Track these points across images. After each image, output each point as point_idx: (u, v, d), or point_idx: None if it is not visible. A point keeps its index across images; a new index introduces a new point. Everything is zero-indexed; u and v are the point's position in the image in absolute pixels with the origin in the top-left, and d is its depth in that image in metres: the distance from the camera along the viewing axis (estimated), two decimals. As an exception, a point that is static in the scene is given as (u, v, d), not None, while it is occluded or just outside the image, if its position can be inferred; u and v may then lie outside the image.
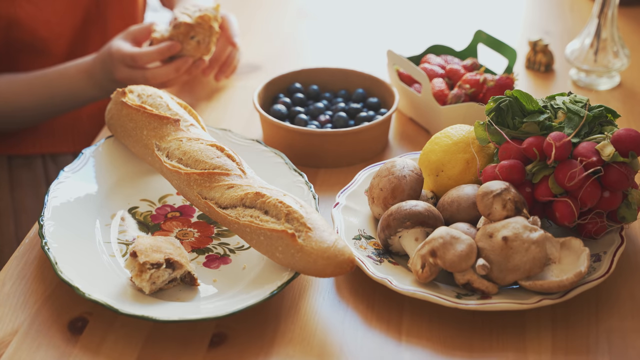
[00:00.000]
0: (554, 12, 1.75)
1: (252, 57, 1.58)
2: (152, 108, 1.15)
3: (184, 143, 1.10)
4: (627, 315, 1.00)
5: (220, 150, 1.08)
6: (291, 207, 0.99)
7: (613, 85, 1.47)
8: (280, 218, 0.98)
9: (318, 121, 1.30)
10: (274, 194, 1.01)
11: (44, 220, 1.05)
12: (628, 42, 1.57)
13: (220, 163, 1.06)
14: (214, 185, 1.05)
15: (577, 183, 0.99)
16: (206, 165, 1.06)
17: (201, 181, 1.05)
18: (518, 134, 1.06)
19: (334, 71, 1.39)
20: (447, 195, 1.07)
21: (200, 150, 1.08)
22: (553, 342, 0.96)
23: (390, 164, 1.09)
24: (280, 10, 1.78)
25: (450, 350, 0.95)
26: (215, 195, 1.04)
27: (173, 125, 1.12)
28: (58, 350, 0.95)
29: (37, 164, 1.52)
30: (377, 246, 1.06)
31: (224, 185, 1.04)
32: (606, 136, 1.03)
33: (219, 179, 1.05)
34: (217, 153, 1.08)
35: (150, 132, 1.13)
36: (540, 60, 1.51)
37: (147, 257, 0.98)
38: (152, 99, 1.17)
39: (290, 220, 0.98)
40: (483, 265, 0.96)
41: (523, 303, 0.95)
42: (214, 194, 1.04)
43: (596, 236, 1.04)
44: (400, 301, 1.01)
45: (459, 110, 1.27)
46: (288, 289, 1.03)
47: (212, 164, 1.06)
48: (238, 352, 0.95)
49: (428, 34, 1.66)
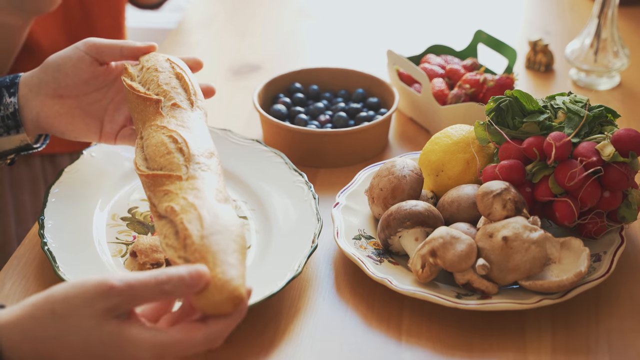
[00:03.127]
0: (554, 12, 1.75)
1: (252, 57, 1.58)
2: (141, 85, 1.05)
3: (151, 133, 0.98)
4: (627, 315, 1.00)
5: (174, 142, 0.95)
6: (188, 231, 0.84)
7: (613, 85, 1.47)
8: (179, 245, 0.85)
9: (318, 121, 1.30)
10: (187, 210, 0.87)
11: (44, 220, 1.05)
12: (628, 42, 1.57)
13: (168, 162, 0.93)
14: (157, 190, 0.92)
15: (577, 183, 0.99)
16: (155, 165, 0.94)
17: (149, 184, 0.93)
18: (518, 134, 1.06)
19: (334, 71, 1.39)
20: (447, 195, 1.07)
21: (157, 145, 0.96)
22: (553, 342, 0.96)
23: (390, 164, 1.09)
24: (280, 10, 1.78)
25: (450, 350, 0.95)
26: (155, 202, 0.92)
27: (154, 107, 1.01)
28: (58, 350, 0.94)
29: (36, 163, 1.52)
30: (377, 246, 1.06)
31: (162, 191, 0.91)
32: (606, 136, 1.03)
33: (161, 182, 0.92)
34: (169, 147, 0.95)
35: (138, 116, 1.04)
36: (540, 60, 1.51)
37: (147, 257, 0.98)
38: (148, 72, 1.06)
39: (186, 246, 0.84)
40: (483, 265, 0.96)
41: (523, 303, 0.95)
42: (155, 200, 0.92)
43: (596, 236, 1.04)
44: (400, 301, 1.01)
45: (459, 110, 1.27)
46: (288, 289, 1.03)
47: (159, 163, 0.94)
48: (238, 352, 0.95)
49: (428, 34, 1.66)
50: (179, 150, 0.94)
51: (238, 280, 0.80)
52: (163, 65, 1.06)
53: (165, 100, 1.02)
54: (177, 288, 0.77)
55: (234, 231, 0.85)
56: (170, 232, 0.86)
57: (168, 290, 0.77)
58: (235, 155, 1.20)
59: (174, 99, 1.02)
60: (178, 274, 0.77)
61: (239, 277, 0.80)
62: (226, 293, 0.78)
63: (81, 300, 0.76)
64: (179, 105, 1.01)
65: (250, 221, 1.12)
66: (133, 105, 1.04)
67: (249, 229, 1.11)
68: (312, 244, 1.03)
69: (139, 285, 0.76)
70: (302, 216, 1.09)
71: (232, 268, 0.80)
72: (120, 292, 0.76)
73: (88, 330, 0.76)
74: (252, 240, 1.09)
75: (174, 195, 0.89)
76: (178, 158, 0.93)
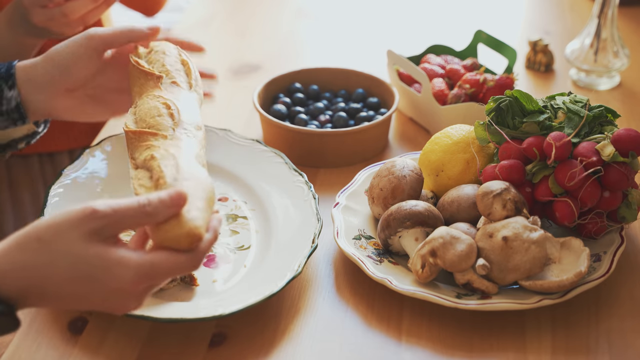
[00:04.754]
0: (554, 12, 1.75)
1: (252, 57, 1.58)
2: (147, 63, 1.08)
3: (146, 100, 1.02)
4: (627, 315, 1.00)
5: (167, 108, 0.99)
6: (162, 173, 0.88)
7: (613, 85, 1.47)
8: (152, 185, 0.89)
9: (318, 121, 1.30)
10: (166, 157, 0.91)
11: (44, 220, 1.05)
12: (628, 42, 1.57)
13: (156, 122, 0.97)
14: (140, 145, 0.95)
15: (577, 183, 0.99)
16: (144, 124, 0.98)
17: (133, 140, 0.96)
18: (518, 134, 1.06)
19: (334, 71, 1.39)
20: (447, 195, 1.07)
21: (149, 108, 0.99)
22: (553, 342, 0.96)
23: (390, 164, 1.09)
24: (280, 10, 1.78)
25: (450, 350, 0.95)
26: (136, 155, 0.95)
27: (154, 82, 1.04)
28: (58, 350, 0.95)
29: (34, 162, 1.52)
30: (377, 246, 1.06)
31: (145, 145, 0.94)
32: (606, 136, 1.03)
33: (145, 139, 0.95)
34: (161, 111, 0.99)
35: (137, 89, 1.06)
36: (540, 60, 1.51)
37: (147, 257, 0.98)
38: (156, 54, 1.09)
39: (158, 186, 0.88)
40: (483, 265, 0.96)
41: (523, 303, 0.95)
42: (137, 154, 0.95)
43: (596, 236, 1.04)
44: (400, 301, 1.01)
45: (459, 110, 1.27)
46: (288, 289, 1.03)
47: (148, 123, 0.97)
48: (238, 352, 0.95)
49: (428, 34, 1.66)
50: (169, 115, 0.98)
51: (199, 221, 0.82)
52: (171, 51, 1.10)
53: (167, 78, 1.05)
54: (158, 209, 0.79)
55: (206, 184, 0.88)
56: (145, 176, 0.89)
57: (150, 211, 0.78)
58: (235, 155, 1.20)
59: (174, 78, 1.05)
60: (158, 196, 0.79)
61: (201, 219, 0.82)
62: (186, 229, 0.80)
63: (66, 225, 0.77)
64: (178, 84, 1.05)
65: (250, 221, 1.12)
66: (134, 79, 1.06)
67: (249, 229, 1.11)
68: (312, 244, 1.03)
69: (122, 208, 0.78)
70: (302, 216, 1.09)
71: (197, 210, 0.82)
72: (104, 215, 0.77)
73: (74, 253, 0.76)
74: (252, 240, 1.09)
75: (156, 148, 0.92)
76: (167, 121, 0.97)
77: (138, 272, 0.78)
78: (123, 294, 0.79)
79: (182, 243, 0.80)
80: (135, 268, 0.78)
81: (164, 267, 0.79)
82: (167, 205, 0.79)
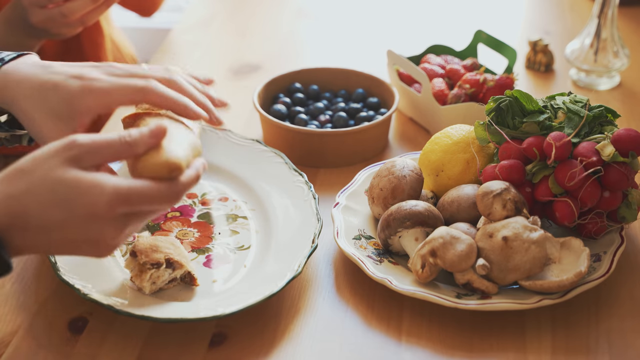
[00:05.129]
0: (554, 12, 1.75)
1: (252, 57, 1.58)
2: None
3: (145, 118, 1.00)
4: (627, 315, 1.00)
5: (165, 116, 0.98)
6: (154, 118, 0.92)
7: (613, 85, 1.47)
8: None
9: (318, 121, 1.30)
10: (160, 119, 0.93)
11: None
12: (628, 42, 1.57)
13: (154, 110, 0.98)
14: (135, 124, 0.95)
15: (577, 183, 0.99)
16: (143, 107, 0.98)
17: (129, 124, 0.96)
18: (518, 134, 1.06)
19: (334, 71, 1.39)
20: (447, 195, 1.07)
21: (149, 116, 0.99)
22: (553, 342, 0.96)
23: (390, 164, 1.09)
24: (280, 10, 1.78)
25: (450, 350, 0.95)
26: None
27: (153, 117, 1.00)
28: (58, 350, 0.95)
29: None
30: (377, 246, 1.06)
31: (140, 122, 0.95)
32: (606, 136, 1.03)
33: (141, 118, 0.95)
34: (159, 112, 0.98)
35: None
36: (540, 60, 1.51)
37: (147, 257, 0.98)
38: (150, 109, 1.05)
39: None
40: (483, 265, 0.96)
41: (523, 303, 0.95)
42: None
43: (596, 236, 1.04)
44: (400, 301, 1.01)
45: (459, 110, 1.27)
46: (288, 288, 1.03)
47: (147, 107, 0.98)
48: (238, 352, 0.95)
49: (428, 34, 1.66)
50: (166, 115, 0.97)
51: (180, 153, 0.83)
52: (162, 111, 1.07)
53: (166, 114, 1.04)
54: (138, 139, 0.81)
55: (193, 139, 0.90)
56: None
57: (129, 141, 0.81)
58: (235, 155, 1.20)
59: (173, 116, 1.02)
60: (139, 129, 0.82)
61: (182, 154, 0.84)
62: (164, 158, 0.82)
63: (47, 154, 0.79)
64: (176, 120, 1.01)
65: (250, 221, 1.12)
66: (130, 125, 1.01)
67: (249, 229, 1.11)
68: (312, 244, 1.03)
69: (102, 138, 0.80)
70: (302, 216, 1.09)
71: (178, 146, 0.85)
72: (83, 144, 0.79)
73: (53, 177, 0.78)
74: (252, 240, 1.09)
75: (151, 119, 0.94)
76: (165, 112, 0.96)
77: (114, 194, 0.78)
78: (98, 220, 0.78)
79: (161, 171, 0.81)
80: (111, 190, 0.78)
81: (141, 192, 0.79)
82: (147, 136, 0.81)
